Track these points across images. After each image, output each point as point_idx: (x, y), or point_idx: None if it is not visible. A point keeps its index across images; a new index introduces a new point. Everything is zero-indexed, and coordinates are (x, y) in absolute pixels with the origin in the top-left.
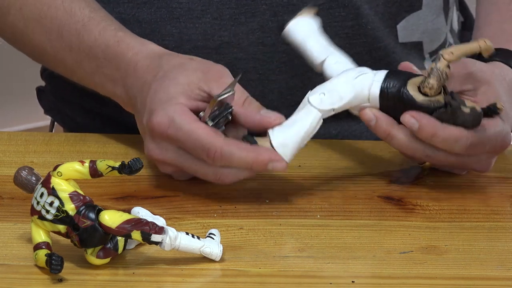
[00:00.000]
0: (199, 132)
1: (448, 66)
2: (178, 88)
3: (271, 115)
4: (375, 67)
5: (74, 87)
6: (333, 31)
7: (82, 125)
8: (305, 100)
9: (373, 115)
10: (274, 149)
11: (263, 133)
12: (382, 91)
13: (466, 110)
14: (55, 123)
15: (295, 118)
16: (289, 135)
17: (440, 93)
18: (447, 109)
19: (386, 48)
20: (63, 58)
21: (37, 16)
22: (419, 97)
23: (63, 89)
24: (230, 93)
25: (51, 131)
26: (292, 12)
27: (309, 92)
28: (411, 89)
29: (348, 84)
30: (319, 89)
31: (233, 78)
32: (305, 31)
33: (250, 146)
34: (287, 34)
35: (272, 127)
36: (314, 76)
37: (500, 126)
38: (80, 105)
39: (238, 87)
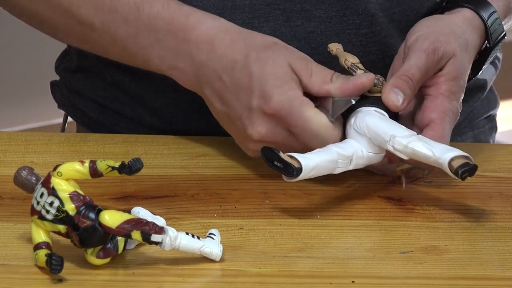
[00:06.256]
0: (319, 123)
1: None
2: (285, 72)
3: (362, 76)
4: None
5: (88, 81)
6: (347, 39)
7: (95, 119)
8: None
9: None
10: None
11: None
12: None
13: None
14: (68, 118)
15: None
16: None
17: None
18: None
19: None
20: (114, 33)
21: None
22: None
23: (76, 83)
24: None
25: (64, 125)
26: (305, 18)
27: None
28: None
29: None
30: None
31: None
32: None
33: None
34: None
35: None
36: None
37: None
38: (94, 100)
39: (320, 67)
